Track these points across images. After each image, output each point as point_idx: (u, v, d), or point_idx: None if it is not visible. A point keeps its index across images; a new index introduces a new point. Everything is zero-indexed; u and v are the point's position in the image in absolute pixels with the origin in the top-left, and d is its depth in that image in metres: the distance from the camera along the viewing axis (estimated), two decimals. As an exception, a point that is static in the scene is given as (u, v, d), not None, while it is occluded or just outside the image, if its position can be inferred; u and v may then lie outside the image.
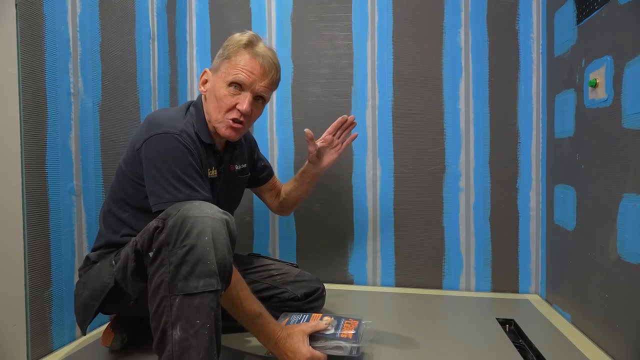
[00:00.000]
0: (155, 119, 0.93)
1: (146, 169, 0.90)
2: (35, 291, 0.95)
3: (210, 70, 1.02)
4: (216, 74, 0.99)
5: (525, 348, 1.04)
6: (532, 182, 1.43)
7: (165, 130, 0.90)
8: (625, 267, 0.92)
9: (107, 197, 1.03)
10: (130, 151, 0.95)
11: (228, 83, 0.96)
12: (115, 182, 1.00)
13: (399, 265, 1.51)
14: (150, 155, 0.89)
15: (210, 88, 1.00)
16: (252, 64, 0.96)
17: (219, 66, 0.99)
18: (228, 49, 0.98)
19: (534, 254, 1.44)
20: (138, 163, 0.92)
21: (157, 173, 0.88)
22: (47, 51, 0.98)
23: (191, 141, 0.92)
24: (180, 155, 0.89)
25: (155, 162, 0.88)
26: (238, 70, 0.95)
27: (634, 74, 0.89)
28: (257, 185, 1.29)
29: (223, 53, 0.99)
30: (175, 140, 0.89)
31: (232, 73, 0.96)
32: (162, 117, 0.94)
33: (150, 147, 0.89)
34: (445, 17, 1.46)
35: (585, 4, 1.09)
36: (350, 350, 0.92)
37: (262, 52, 0.97)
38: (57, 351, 1.01)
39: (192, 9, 1.62)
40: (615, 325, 0.96)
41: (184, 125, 0.93)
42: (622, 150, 0.94)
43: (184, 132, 0.91)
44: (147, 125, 0.92)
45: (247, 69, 0.96)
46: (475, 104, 1.46)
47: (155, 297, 0.75)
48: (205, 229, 0.74)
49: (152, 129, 0.91)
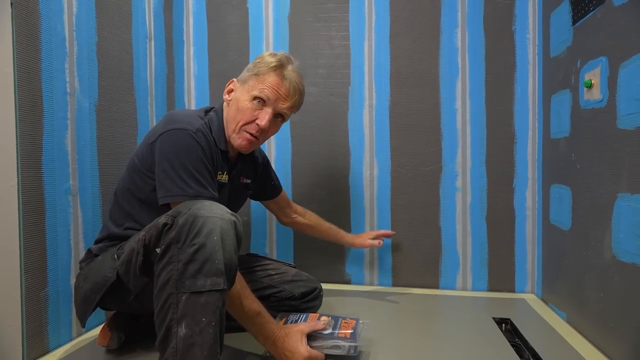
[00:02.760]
0: (174, 115, 0.96)
1: (159, 161, 0.91)
2: (31, 291, 0.95)
3: (238, 81, 1.04)
4: (243, 87, 1.02)
5: (521, 347, 1.05)
6: (528, 182, 1.44)
7: (182, 127, 0.92)
8: (620, 267, 0.93)
9: (115, 190, 1.04)
10: (145, 144, 0.97)
11: (253, 97, 0.99)
12: (124, 175, 1.01)
13: (396, 265, 1.52)
14: (164, 149, 0.91)
15: (235, 98, 1.02)
16: (278, 84, 1.00)
17: (247, 80, 1.02)
18: (259, 66, 1.01)
19: (530, 254, 1.45)
20: (151, 155, 0.94)
21: (169, 166, 0.89)
22: (43, 50, 0.98)
23: (205, 141, 0.94)
24: (194, 151, 0.91)
25: (168, 155, 0.90)
26: (265, 86, 0.99)
27: (629, 75, 0.90)
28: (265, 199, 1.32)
29: (253, 69, 1.02)
30: (190, 136, 0.91)
31: (258, 88, 0.99)
32: (181, 114, 0.97)
33: (165, 140, 0.91)
34: (442, 17, 1.47)
35: (581, 5, 1.10)
36: (348, 350, 0.92)
37: (289, 76, 1.01)
38: (54, 351, 1.00)
39: (189, 8, 1.62)
40: (610, 324, 0.97)
41: (200, 125, 0.95)
42: (617, 150, 0.95)
43: (200, 131, 0.94)
44: (165, 121, 0.95)
45: (273, 87, 0.99)
46: (471, 104, 1.46)
47: (161, 294, 0.75)
48: (215, 229, 0.75)
49: (170, 124, 0.93)
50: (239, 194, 1.14)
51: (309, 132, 1.55)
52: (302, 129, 1.55)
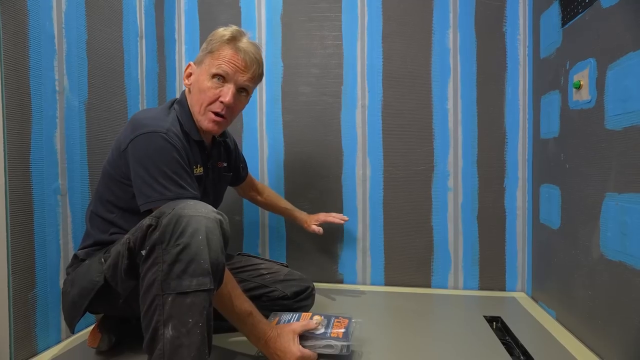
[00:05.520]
0: (140, 120, 0.92)
1: (133, 168, 0.89)
2: (19, 293, 0.93)
3: (195, 63, 1.02)
4: (200, 67, 1.00)
5: (511, 345, 1.06)
6: (519, 182, 1.46)
7: (152, 130, 0.89)
8: (607, 265, 0.95)
9: (93, 198, 1.01)
10: (116, 151, 0.94)
11: (212, 75, 0.97)
12: (100, 183, 0.99)
13: (388, 264, 1.52)
14: (137, 155, 0.88)
15: (194, 81, 1.00)
16: (235, 57, 0.97)
17: (202, 59, 0.99)
18: (211, 44, 0.98)
19: (520, 253, 1.46)
20: (124, 163, 0.91)
21: (145, 172, 0.87)
22: (31, 48, 0.96)
23: (178, 139, 0.92)
24: (168, 153, 0.88)
25: (142, 161, 0.88)
26: (221, 62, 0.96)
27: (616, 76, 0.91)
28: (236, 184, 1.32)
29: (207, 47, 0.99)
30: (162, 138, 0.89)
31: (215, 65, 0.96)
32: (146, 117, 0.93)
33: (137, 146, 0.89)
34: (434, 18, 1.48)
35: (570, 7, 1.12)
36: (340, 349, 0.92)
37: (244, 47, 0.98)
38: (42, 353, 0.99)
39: (181, 7, 1.60)
40: (598, 322, 0.99)
41: (169, 124, 0.93)
42: (605, 150, 0.96)
43: (171, 130, 0.91)
44: (132, 126, 0.92)
45: (229, 61, 0.96)
46: (463, 104, 1.47)
47: (147, 296, 0.74)
48: (200, 228, 0.74)
49: (138, 128, 0.90)
50: (220, 179, 1.14)
51: (301, 131, 1.55)
52: (294, 128, 1.55)
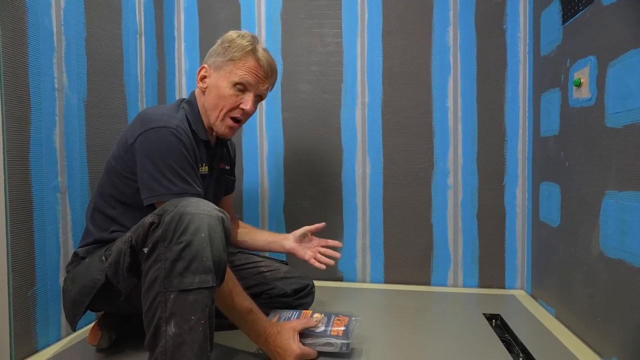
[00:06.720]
0: (149, 115, 0.93)
1: (140, 162, 0.89)
2: (19, 290, 0.93)
3: (210, 67, 1.02)
4: (218, 73, 1.00)
5: (511, 342, 1.06)
6: (519, 180, 1.46)
7: (162, 125, 0.90)
8: (607, 263, 0.95)
9: (95, 195, 1.01)
10: (122, 146, 0.94)
11: (233, 83, 0.99)
12: (103, 178, 0.99)
13: (388, 262, 1.52)
14: (146, 149, 0.89)
15: (212, 85, 1.01)
16: (257, 68, 1.00)
17: (221, 66, 1.00)
18: (231, 51, 0.99)
19: (520, 250, 1.46)
20: (130, 157, 0.92)
21: (153, 166, 0.88)
22: (30, 45, 0.96)
23: (186, 136, 0.93)
24: (176, 148, 0.89)
25: (150, 155, 0.88)
26: (244, 72, 0.99)
27: (617, 74, 0.91)
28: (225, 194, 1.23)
29: (225, 53, 1.00)
30: (171, 134, 0.89)
31: (239, 74, 0.99)
32: (156, 113, 0.94)
33: (146, 140, 0.89)
34: (434, 15, 1.47)
35: (570, 5, 1.11)
36: (340, 347, 0.92)
37: (264, 57, 1.02)
38: (42, 351, 0.99)
39: (181, 4, 1.60)
40: (597, 319, 0.99)
41: (179, 121, 0.94)
42: (605, 148, 0.96)
43: (180, 127, 0.92)
44: (142, 121, 0.92)
45: (252, 72, 1.00)
46: (463, 102, 1.47)
47: (149, 293, 0.74)
48: (202, 225, 0.74)
49: (148, 123, 0.91)
50: (221, 180, 1.15)
51: (301, 129, 1.55)
52: (294, 126, 1.55)
